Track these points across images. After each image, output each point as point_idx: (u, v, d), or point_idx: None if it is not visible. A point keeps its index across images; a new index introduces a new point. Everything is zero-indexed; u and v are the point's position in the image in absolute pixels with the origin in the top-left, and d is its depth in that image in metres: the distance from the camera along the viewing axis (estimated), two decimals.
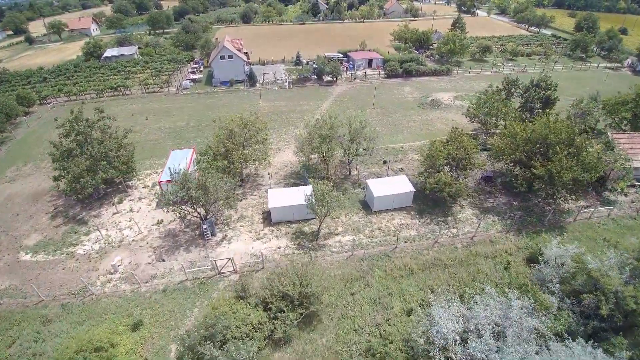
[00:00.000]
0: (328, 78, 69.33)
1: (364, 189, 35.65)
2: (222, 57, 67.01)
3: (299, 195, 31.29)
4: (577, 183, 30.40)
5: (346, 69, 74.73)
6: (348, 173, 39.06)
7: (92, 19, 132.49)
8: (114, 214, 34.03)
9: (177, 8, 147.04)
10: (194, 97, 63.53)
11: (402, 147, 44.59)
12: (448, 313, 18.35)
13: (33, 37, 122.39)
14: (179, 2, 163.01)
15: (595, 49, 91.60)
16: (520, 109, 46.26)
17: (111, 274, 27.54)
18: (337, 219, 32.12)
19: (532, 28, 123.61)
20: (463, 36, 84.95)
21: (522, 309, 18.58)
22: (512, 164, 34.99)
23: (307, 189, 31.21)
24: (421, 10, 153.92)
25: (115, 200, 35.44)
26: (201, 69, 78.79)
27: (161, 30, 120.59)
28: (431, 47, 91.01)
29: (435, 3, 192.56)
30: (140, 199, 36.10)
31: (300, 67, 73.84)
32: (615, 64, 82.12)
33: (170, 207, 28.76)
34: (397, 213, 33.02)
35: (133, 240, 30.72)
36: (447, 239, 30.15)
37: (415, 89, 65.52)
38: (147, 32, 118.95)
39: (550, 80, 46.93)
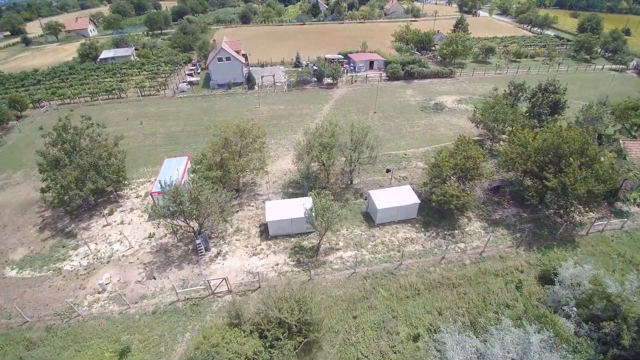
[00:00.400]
0: (328, 80, 67.69)
1: (366, 199, 34.07)
2: (220, 59, 65.36)
3: (298, 208, 29.68)
4: (592, 195, 28.84)
5: (347, 71, 73.14)
6: (349, 182, 37.47)
7: (90, 19, 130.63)
8: (104, 226, 32.45)
9: (175, 8, 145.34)
10: (190, 101, 61.90)
11: (406, 154, 42.98)
12: (461, 348, 16.76)
13: (30, 38, 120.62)
14: (177, 2, 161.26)
15: (599, 50, 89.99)
16: (527, 114, 44.60)
17: (99, 293, 25.96)
18: (338, 232, 30.56)
19: (535, 29, 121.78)
20: (466, 37, 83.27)
21: (541, 342, 17.02)
22: (523, 174, 33.42)
23: (307, 201, 29.61)
24: (422, 10, 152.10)
25: (106, 211, 33.87)
26: (199, 71, 77.14)
27: (159, 31, 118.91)
28: (433, 48, 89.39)
29: (436, 3, 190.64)
30: (132, 209, 34.52)
31: (300, 69, 72.24)
32: (620, 66, 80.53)
33: (161, 222, 27.20)
34: (402, 226, 31.45)
35: (123, 255, 29.14)
36: (455, 254, 28.57)
37: (418, 92, 63.92)
38: (145, 32, 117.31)
39: (559, 84, 45.30)
